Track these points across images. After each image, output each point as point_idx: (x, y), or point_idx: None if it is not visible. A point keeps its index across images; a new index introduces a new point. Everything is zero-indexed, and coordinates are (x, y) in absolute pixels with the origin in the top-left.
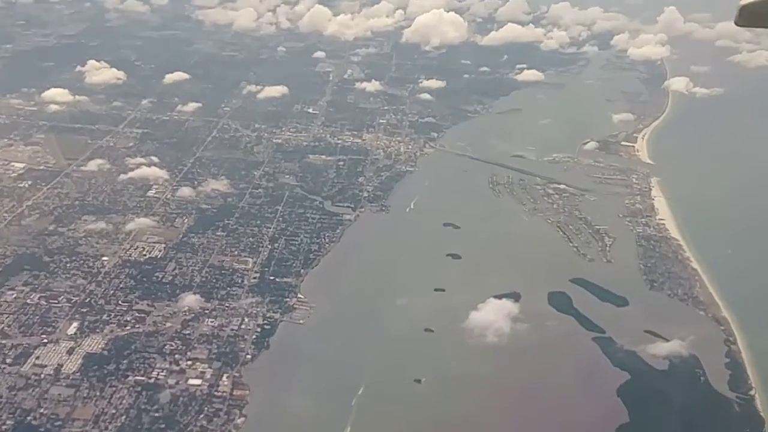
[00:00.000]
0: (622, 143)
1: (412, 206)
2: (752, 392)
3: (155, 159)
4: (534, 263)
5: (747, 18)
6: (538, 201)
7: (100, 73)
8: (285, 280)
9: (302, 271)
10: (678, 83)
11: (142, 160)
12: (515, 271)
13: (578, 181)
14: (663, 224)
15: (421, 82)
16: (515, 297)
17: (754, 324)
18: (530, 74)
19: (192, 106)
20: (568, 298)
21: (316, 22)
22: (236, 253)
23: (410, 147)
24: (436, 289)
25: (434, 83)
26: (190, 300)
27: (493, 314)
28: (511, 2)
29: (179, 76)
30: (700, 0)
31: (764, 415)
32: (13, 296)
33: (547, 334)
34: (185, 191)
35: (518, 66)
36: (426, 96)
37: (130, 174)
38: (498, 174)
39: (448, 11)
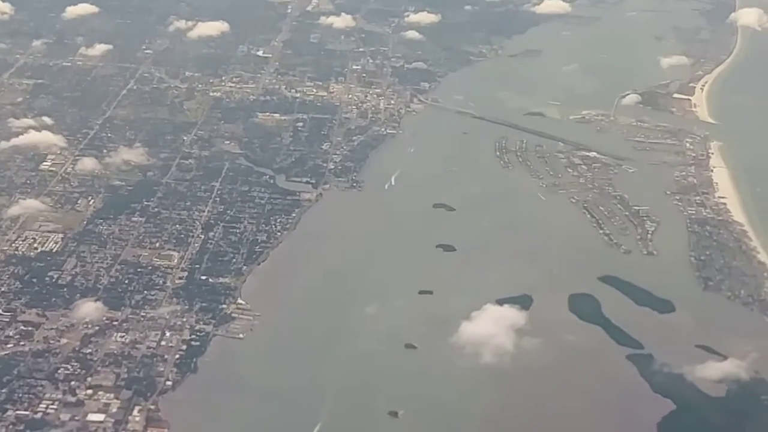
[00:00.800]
0: (675, 96)
1: (392, 182)
2: None
3: (48, 120)
4: (551, 257)
5: None
6: (560, 174)
7: None
8: (221, 280)
9: (244, 268)
10: (748, 16)
11: (30, 121)
12: (526, 267)
13: (614, 147)
14: (724, 204)
15: (408, 16)
16: (525, 302)
17: None
18: (553, 5)
19: (100, 48)
20: (595, 303)
21: None
22: (157, 245)
23: (393, 102)
24: (421, 292)
25: (425, 17)
26: (94, 308)
27: (491, 325)
28: None
29: (85, 9)
30: None
31: None
32: None
33: (565, 351)
34: (90, 163)
35: None
36: (414, 35)
37: (14, 141)
38: (508, 138)
39: None
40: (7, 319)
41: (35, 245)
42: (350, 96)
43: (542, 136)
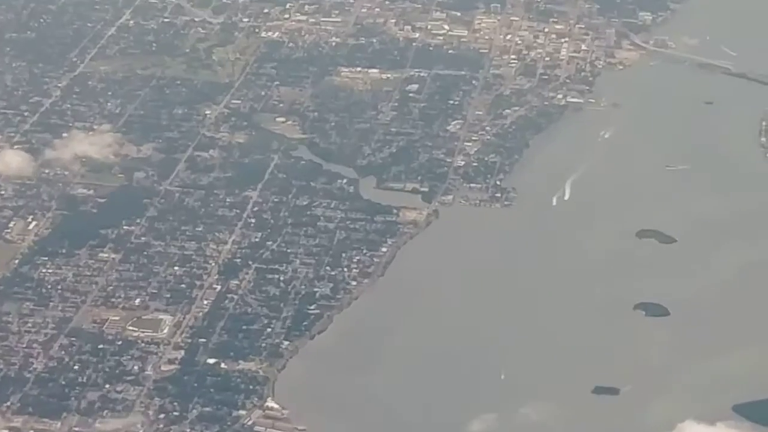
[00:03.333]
0: None
1: (566, 191)
2: None
3: None
4: None
5: None
6: None
7: None
8: (243, 365)
9: (286, 344)
10: None
11: None
12: None
13: None
14: None
15: None
16: None
17: None
18: None
19: None
20: None
21: None
22: (138, 302)
23: (584, 47)
24: (597, 390)
25: None
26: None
27: None
28: None
29: None
30: None
31: None
32: None
33: None
34: (21, 159)
35: None
36: None
37: None
38: None
39: None
40: None
41: None
42: (509, 36)
43: None
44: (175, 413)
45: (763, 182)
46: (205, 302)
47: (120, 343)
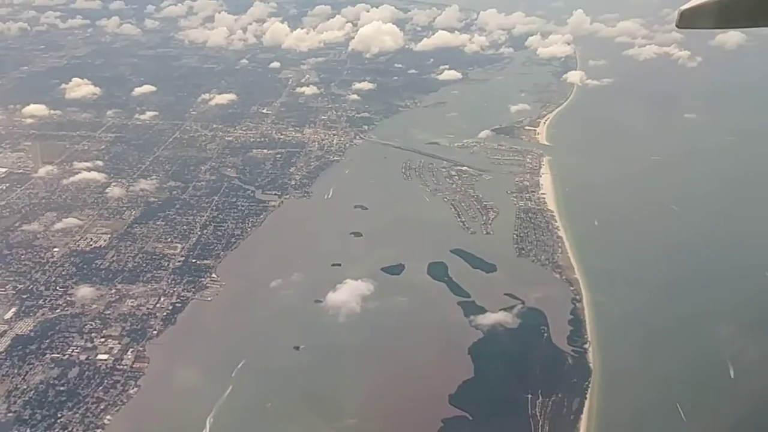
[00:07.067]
0: (526, 128)
1: (331, 192)
2: (586, 345)
3: (100, 163)
4: (424, 238)
5: (687, 21)
6: (441, 182)
7: (80, 89)
8: (205, 262)
9: (222, 253)
10: (574, 76)
11: (88, 164)
12: (406, 245)
13: (479, 163)
14: (543, 198)
15: (354, 85)
16: (399, 269)
17: (601, 284)
18: (450, 74)
19: (149, 114)
20: (445, 267)
21: (276, 37)
22: (169, 240)
23: (342, 139)
24: (333, 264)
25: (366, 85)
26: (89, 291)
27: (348, 293)
28: (447, 12)
29: (147, 89)
30: (611, 2)
31: (593, 366)
32: None
33: (418, 300)
34: (137, 186)
35: (441, 67)
36: (354, 97)
37: (71, 179)
38: (412, 160)
39: (392, 22)
40: (61, 293)
41: (91, 243)
42: (316, 136)
43: (434, 157)
44: (177, 279)
45: (400, 186)
46: (193, 239)
47: (161, 255)
